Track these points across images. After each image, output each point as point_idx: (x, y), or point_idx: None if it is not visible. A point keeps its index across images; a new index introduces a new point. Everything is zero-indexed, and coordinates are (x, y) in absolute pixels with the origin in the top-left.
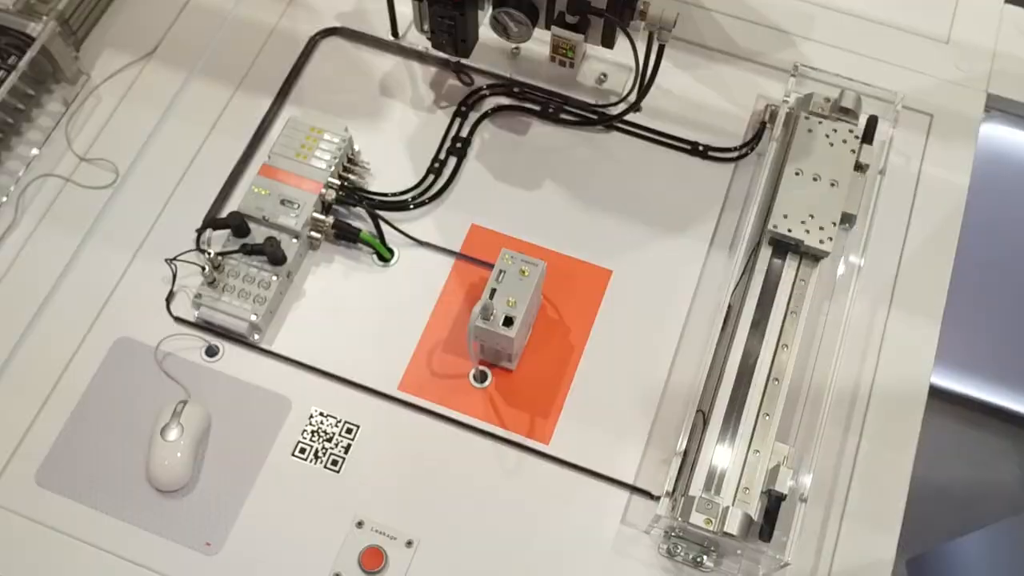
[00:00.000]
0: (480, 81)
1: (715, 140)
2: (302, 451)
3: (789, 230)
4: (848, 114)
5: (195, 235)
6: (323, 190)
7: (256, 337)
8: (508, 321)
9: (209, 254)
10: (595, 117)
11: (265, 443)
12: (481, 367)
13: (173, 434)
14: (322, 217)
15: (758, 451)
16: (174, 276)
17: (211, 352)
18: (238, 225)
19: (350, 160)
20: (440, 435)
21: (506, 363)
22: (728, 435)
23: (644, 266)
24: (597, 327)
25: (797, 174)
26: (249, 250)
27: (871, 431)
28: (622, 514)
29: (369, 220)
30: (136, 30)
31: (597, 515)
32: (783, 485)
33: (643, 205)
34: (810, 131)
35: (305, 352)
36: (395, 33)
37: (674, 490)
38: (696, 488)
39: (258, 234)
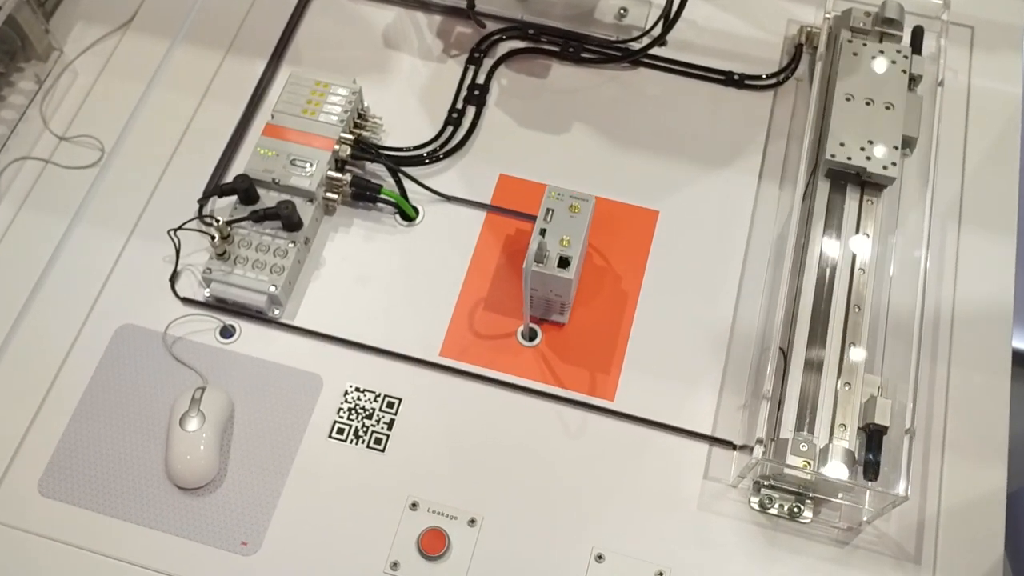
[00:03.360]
0: (492, 26)
1: (749, 69)
2: (340, 432)
3: (849, 158)
4: (892, 25)
5: (198, 206)
6: (336, 146)
7: (276, 312)
8: (564, 262)
9: (217, 222)
10: (618, 54)
11: (298, 426)
12: (530, 324)
13: (194, 424)
14: (338, 175)
15: (848, 384)
16: (177, 253)
17: (226, 333)
18: (246, 189)
19: (360, 116)
20: (492, 400)
21: (557, 316)
22: (813, 371)
23: (691, 204)
24: (650, 271)
25: (848, 99)
26: (261, 216)
27: (960, 356)
28: (704, 468)
29: (388, 177)
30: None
31: (676, 472)
32: (883, 417)
33: (681, 141)
34: (855, 54)
35: (332, 324)
36: None
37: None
38: (787, 430)
39: (268, 200)
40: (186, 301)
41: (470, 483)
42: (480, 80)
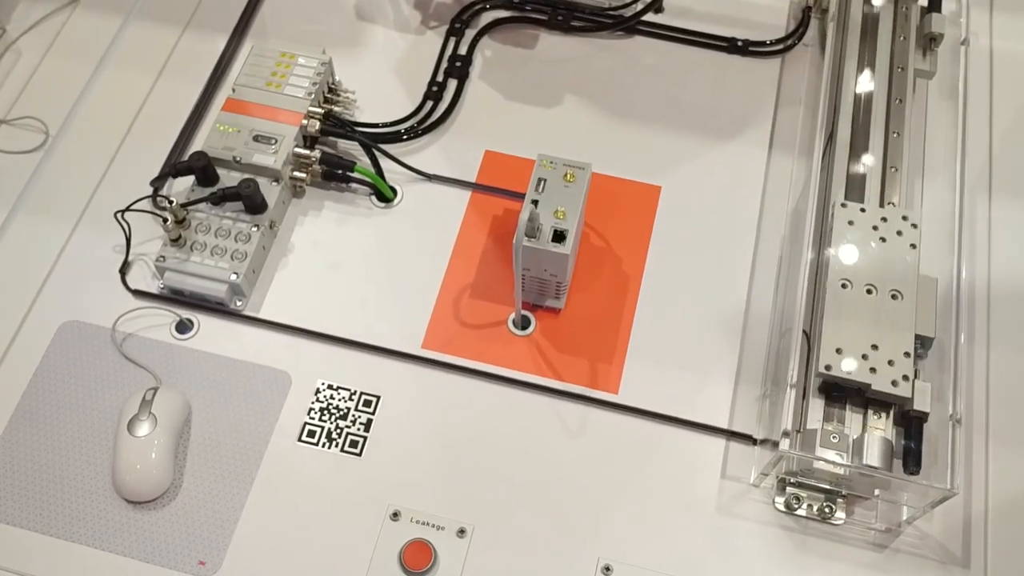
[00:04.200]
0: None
1: (754, 35)
2: (311, 435)
3: (848, 373)
4: None
5: (151, 189)
6: (304, 121)
7: (238, 303)
8: (559, 236)
9: (170, 203)
10: (611, 21)
11: (263, 429)
12: (522, 312)
13: (144, 428)
14: (306, 152)
15: None
16: (128, 241)
17: (183, 328)
18: (203, 168)
19: (331, 90)
20: (481, 395)
21: (552, 301)
22: None
23: (696, 178)
24: (653, 252)
25: (845, 286)
26: (220, 197)
27: (999, 337)
28: (721, 466)
29: (363, 156)
30: None
31: (690, 471)
32: (923, 402)
33: (683, 111)
34: (851, 223)
35: (301, 316)
36: None
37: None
38: (815, 420)
39: (229, 180)
40: (138, 294)
41: (458, 489)
42: (462, 51)
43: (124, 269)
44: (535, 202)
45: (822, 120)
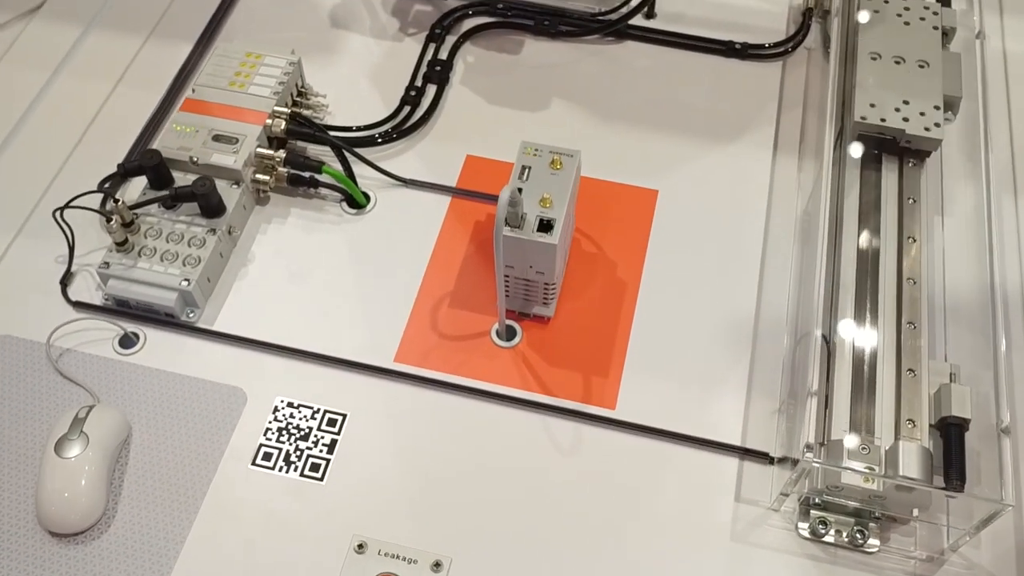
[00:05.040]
0: (455, 2)
1: (752, 40)
2: (267, 457)
3: (883, 120)
4: None
5: (100, 196)
6: (268, 120)
7: (190, 315)
8: (545, 227)
9: (116, 202)
10: (599, 24)
11: (212, 452)
12: (507, 322)
13: (74, 449)
14: (270, 152)
15: (912, 371)
16: (71, 249)
17: (127, 342)
18: (156, 167)
19: (300, 94)
20: (460, 412)
21: (540, 308)
22: (866, 359)
23: (696, 181)
24: (651, 257)
25: (874, 58)
26: (173, 196)
27: None
28: (735, 488)
29: (335, 163)
30: None
31: (700, 493)
32: (962, 407)
33: (680, 114)
34: (876, 11)
35: (260, 329)
36: None
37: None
38: (840, 431)
39: (185, 183)
40: (80, 306)
41: (434, 517)
42: (442, 57)
43: (66, 280)
44: (519, 190)
45: (830, 118)
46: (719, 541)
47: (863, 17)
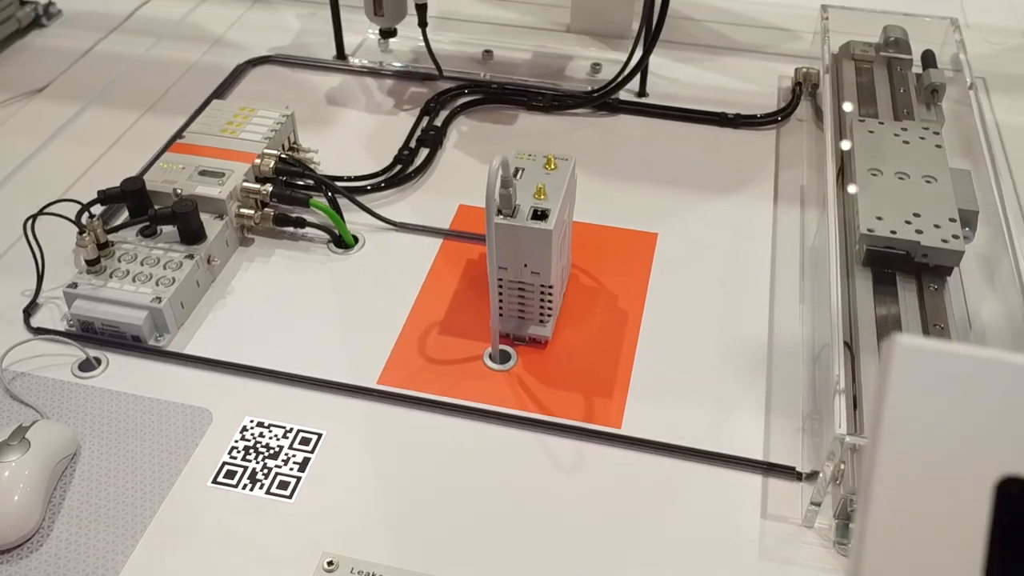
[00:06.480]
0: (451, 82)
1: (744, 112)
2: (229, 475)
3: (893, 232)
4: (899, 47)
5: (74, 209)
6: (257, 160)
7: (159, 339)
8: (540, 216)
9: (92, 217)
10: (591, 97)
11: (168, 470)
12: (501, 346)
13: (12, 454)
14: (256, 186)
15: None
16: (40, 278)
17: (87, 366)
18: (136, 193)
19: (292, 148)
20: (448, 430)
21: (537, 328)
22: None
23: (698, 225)
24: (654, 289)
25: (874, 174)
26: (153, 219)
27: None
28: (760, 505)
29: (321, 207)
30: (25, 72)
31: (723, 510)
32: None
33: (678, 171)
34: (871, 132)
35: (233, 352)
36: (341, 54)
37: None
38: None
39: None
40: (40, 331)
41: (415, 535)
42: (437, 123)
43: (31, 309)
44: (512, 187)
45: (829, 184)
46: (747, 559)
47: (856, 136)
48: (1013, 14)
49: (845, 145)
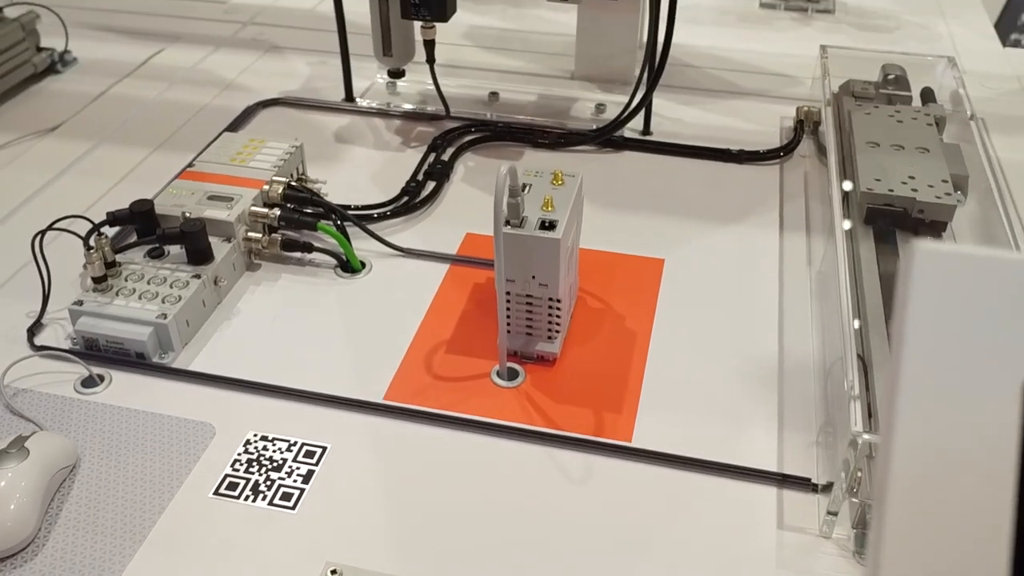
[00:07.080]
0: (457, 122)
1: (748, 148)
2: (231, 487)
3: (891, 190)
4: (899, 85)
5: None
6: (266, 186)
7: (163, 357)
8: (548, 227)
9: (101, 235)
10: (594, 134)
11: (168, 482)
12: (510, 364)
13: (10, 462)
14: (264, 210)
15: None
16: (46, 298)
17: (90, 383)
18: (146, 214)
19: (300, 179)
20: (454, 442)
21: (545, 345)
22: None
23: (704, 251)
24: (662, 311)
25: (872, 146)
26: (161, 238)
27: None
28: (776, 516)
29: (328, 231)
30: (38, 113)
31: (738, 522)
32: None
33: (682, 202)
34: (868, 114)
35: (239, 368)
36: (350, 96)
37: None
38: None
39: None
40: (43, 349)
41: (421, 546)
42: (444, 159)
43: (35, 329)
44: (520, 198)
45: (834, 208)
46: (765, 570)
47: (855, 118)
48: (1008, 63)
49: (847, 186)
